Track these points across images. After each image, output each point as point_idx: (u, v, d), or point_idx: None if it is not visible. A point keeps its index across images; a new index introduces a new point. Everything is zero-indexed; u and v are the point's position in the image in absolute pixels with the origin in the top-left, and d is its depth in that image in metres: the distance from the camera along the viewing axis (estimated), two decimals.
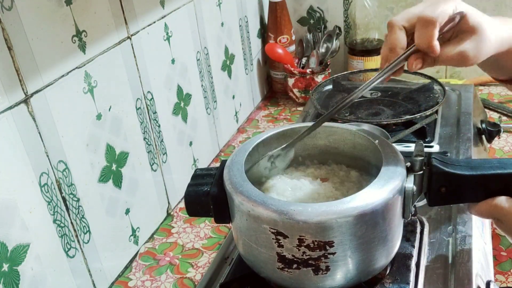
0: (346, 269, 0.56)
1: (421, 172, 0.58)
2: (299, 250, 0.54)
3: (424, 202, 0.62)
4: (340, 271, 0.55)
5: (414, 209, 0.59)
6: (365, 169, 0.67)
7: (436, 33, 0.57)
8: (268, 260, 0.57)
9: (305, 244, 0.53)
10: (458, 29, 0.59)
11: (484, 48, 0.59)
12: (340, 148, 0.68)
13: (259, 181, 0.67)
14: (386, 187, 0.54)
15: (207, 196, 0.60)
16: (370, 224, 0.53)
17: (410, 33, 0.60)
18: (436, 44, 0.57)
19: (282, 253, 0.55)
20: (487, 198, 0.57)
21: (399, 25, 0.60)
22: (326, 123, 0.67)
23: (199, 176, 0.64)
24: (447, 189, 0.58)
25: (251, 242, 0.58)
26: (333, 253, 0.54)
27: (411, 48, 0.59)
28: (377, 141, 0.62)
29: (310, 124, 0.66)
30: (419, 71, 0.62)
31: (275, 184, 0.66)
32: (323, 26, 1.46)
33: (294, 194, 0.64)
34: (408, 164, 0.58)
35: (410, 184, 0.57)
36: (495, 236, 0.84)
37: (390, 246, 0.58)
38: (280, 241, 0.54)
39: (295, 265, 0.55)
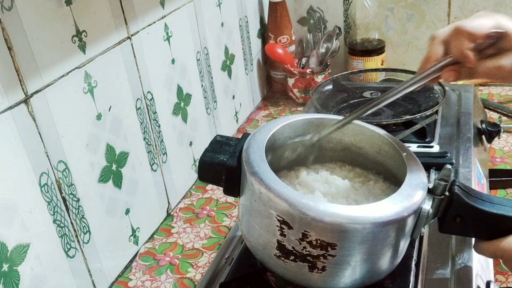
0: (342, 274, 0.55)
1: (441, 196, 0.57)
2: (300, 244, 0.53)
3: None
4: (335, 274, 0.55)
5: (424, 230, 0.59)
6: (384, 175, 0.67)
7: (469, 44, 0.58)
8: (267, 245, 0.56)
9: (308, 240, 0.53)
10: (500, 46, 0.60)
11: None
12: (364, 149, 0.68)
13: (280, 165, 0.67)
14: (403, 205, 0.54)
15: (222, 166, 0.59)
16: (377, 236, 0.53)
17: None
18: (469, 53, 0.58)
19: (283, 242, 0.54)
20: (498, 237, 0.56)
21: (440, 38, 0.61)
22: (357, 121, 0.67)
23: (218, 143, 0.63)
24: (462, 220, 0.57)
25: (254, 223, 0.57)
26: (333, 256, 0.53)
27: (446, 59, 0.60)
28: (404, 154, 0.61)
29: (339, 117, 0.67)
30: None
31: (306, 177, 0.66)
32: (323, 26, 1.46)
33: (328, 190, 0.64)
34: (431, 185, 0.57)
35: (427, 206, 0.56)
36: None
37: (391, 261, 0.58)
38: (283, 230, 0.54)
39: (292, 257, 0.55)
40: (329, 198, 0.62)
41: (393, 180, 0.65)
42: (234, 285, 0.64)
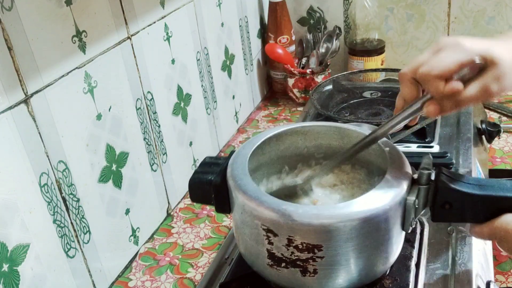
0: (335, 274, 0.55)
1: (427, 185, 0.56)
2: (288, 249, 0.54)
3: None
4: (328, 276, 0.55)
5: (416, 222, 0.58)
6: (377, 174, 0.67)
7: (443, 84, 0.54)
8: (259, 255, 0.57)
9: (294, 245, 0.53)
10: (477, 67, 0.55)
11: (507, 78, 0.54)
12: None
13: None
14: (384, 197, 0.53)
15: (210, 185, 0.61)
16: (362, 232, 0.53)
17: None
18: (454, 84, 0.53)
19: (272, 250, 0.55)
20: (491, 218, 0.56)
21: (408, 78, 0.58)
22: (339, 124, 0.68)
23: (206, 164, 0.65)
24: (451, 206, 0.56)
25: (245, 236, 0.59)
26: (321, 257, 0.53)
27: (425, 96, 0.57)
28: (387, 148, 0.61)
29: (322, 123, 0.66)
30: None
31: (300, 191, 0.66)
32: (323, 26, 1.46)
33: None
34: (415, 176, 0.57)
35: (412, 196, 0.55)
36: None
37: (385, 256, 0.57)
38: (270, 239, 0.55)
39: (283, 264, 0.56)
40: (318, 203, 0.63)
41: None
42: (234, 285, 0.64)
